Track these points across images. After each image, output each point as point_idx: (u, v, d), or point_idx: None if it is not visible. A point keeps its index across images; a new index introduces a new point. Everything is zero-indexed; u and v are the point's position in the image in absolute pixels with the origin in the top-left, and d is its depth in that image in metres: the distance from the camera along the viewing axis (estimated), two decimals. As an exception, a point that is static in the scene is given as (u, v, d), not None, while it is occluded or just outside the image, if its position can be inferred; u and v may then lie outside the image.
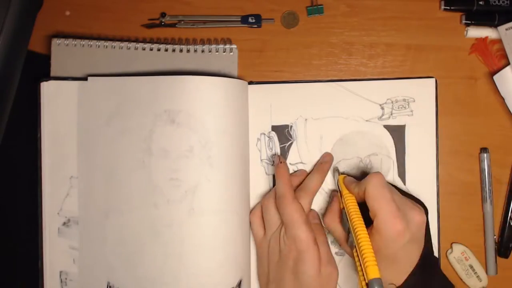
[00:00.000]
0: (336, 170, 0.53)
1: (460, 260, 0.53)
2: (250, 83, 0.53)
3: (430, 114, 0.53)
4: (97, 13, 0.55)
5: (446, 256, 0.53)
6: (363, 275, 0.42)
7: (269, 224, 0.50)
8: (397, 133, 0.53)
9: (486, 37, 0.53)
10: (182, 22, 0.54)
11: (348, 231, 0.46)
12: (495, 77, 0.52)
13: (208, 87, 0.50)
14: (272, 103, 0.53)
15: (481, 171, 0.53)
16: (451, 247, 0.53)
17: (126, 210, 0.50)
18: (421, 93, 0.53)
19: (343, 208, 0.47)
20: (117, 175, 0.50)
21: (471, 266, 0.53)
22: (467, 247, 0.53)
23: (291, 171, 0.53)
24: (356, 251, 0.43)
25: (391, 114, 0.53)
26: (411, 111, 0.53)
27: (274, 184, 0.53)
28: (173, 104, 0.50)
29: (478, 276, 0.53)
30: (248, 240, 0.52)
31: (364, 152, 0.53)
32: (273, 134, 0.53)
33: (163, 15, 0.54)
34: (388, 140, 0.53)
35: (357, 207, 0.46)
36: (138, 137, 0.50)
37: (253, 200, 0.53)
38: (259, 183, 0.53)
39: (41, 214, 0.51)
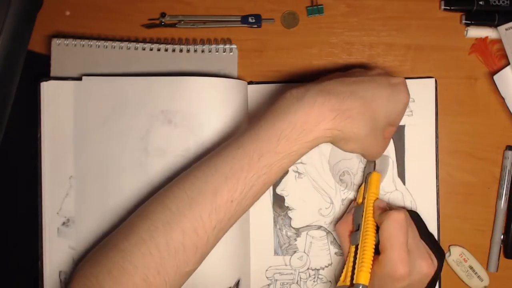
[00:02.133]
0: (372, 163, 0.51)
1: (459, 262, 0.53)
2: (250, 83, 0.53)
3: (430, 114, 0.53)
4: (97, 13, 0.55)
5: (445, 259, 0.53)
6: (352, 274, 0.42)
7: None
8: (397, 133, 0.53)
9: (486, 37, 0.53)
10: (182, 22, 0.54)
11: (357, 228, 0.46)
12: (495, 77, 0.52)
13: (205, 87, 0.50)
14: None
15: (503, 167, 0.53)
16: (449, 250, 0.53)
17: (123, 210, 0.50)
18: (421, 93, 0.53)
19: (362, 203, 0.48)
20: (114, 175, 0.50)
21: (470, 267, 0.53)
22: (465, 248, 0.53)
23: (290, 172, 0.53)
24: (356, 249, 0.43)
25: None
26: (411, 111, 0.53)
27: (274, 186, 0.53)
28: (170, 104, 0.50)
29: (479, 276, 0.52)
30: (248, 240, 0.52)
31: None
32: None
33: (163, 15, 0.54)
34: None
35: (371, 215, 0.46)
36: (134, 137, 0.50)
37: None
38: None
39: (41, 214, 0.51)
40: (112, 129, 0.50)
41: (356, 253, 0.45)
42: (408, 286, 0.42)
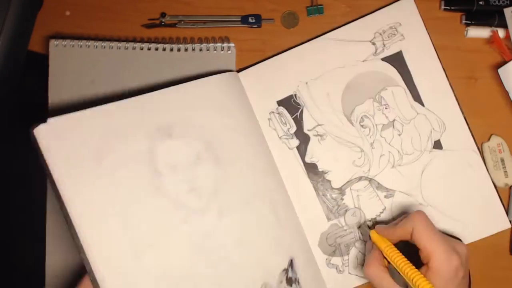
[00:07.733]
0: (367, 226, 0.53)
1: (493, 150, 0.52)
2: (239, 70, 0.53)
3: (420, 31, 0.53)
4: (97, 13, 0.55)
5: (481, 145, 0.53)
6: None
7: None
8: (397, 60, 0.53)
9: (496, 31, 0.53)
10: (182, 22, 0.54)
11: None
12: (500, 71, 0.52)
13: (193, 92, 0.49)
14: (268, 80, 0.53)
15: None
16: (489, 138, 0.53)
17: (157, 242, 0.44)
18: (404, 15, 0.52)
19: (388, 263, 0.47)
20: (133, 212, 0.43)
21: (502, 160, 0.52)
22: (505, 141, 0.52)
23: (312, 138, 0.53)
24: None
25: (384, 45, 0.53)
26: (402, 35, 0.53)
27: (301, 156, 0.53)
28: (163, 119, 0.47)
29: (505, 171, 0.52)
30: (295, 219, 0.52)
31: (374, 91, 0.53)
32: (282, 108, 0.53)
33: (163, 15, 0.54)
34: (391, 71, 0.53)
35: (399, 253, 0.45)
36: (139, 164, 0.45)
37: (284, 177, 0.52)
38: (286, 159, 0.53)
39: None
40: (111, 164, 0.43)
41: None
42: (464, 275, 0.43)
